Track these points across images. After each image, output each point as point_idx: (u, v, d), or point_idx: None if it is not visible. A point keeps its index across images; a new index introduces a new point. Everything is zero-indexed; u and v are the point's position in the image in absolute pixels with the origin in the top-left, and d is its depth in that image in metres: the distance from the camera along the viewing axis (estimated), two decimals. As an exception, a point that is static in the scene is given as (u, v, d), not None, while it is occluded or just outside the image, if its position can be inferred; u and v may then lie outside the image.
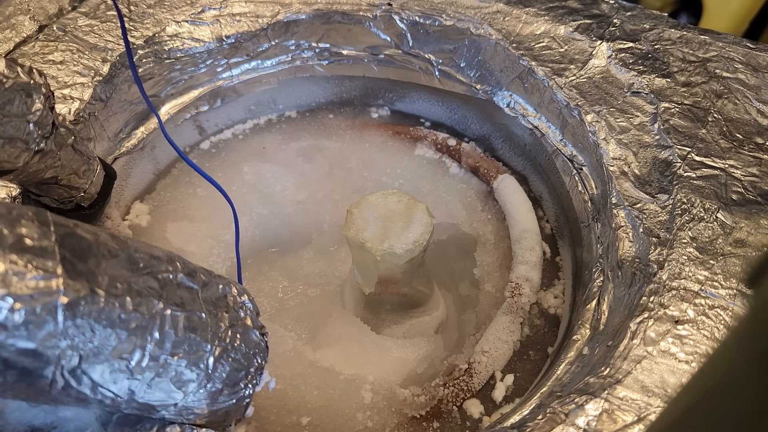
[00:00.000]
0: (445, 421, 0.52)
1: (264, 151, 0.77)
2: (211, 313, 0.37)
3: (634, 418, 0.39)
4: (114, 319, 0.31)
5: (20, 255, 0.28)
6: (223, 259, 0.65)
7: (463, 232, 0.69)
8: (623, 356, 0.43)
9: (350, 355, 0.59)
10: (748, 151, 0.55)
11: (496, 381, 0.54)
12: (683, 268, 0.47)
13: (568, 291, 0.62)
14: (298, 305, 0.65)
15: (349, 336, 0.60)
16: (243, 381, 0.40)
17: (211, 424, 0.41)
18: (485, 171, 0.72)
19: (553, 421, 0.40)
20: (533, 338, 0.58)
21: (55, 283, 0.28)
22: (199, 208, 0.69)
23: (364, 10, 0.73)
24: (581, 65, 0.64)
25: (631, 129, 0.58)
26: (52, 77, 0.61)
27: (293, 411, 0.52)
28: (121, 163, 0.68)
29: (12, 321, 0.27)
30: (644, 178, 0.54)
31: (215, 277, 0.40)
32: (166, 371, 0.34)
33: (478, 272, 0.64)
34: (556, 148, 0.64)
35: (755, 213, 0.50)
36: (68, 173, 0.51)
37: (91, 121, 0.62)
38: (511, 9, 0.70)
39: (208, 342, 0.37)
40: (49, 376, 0.30)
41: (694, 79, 0.61)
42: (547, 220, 0.69)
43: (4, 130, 0.43)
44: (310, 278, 0.68)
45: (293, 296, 0.66)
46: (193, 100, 0.73)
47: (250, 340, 0.40)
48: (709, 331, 0.43)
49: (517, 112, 0.69)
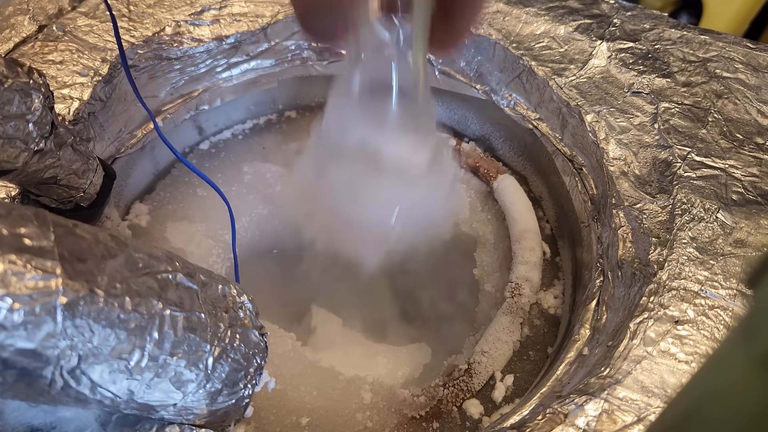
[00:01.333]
0: (444, 422, 0.52)
1: (264, 151, 0.77)
2: (211, 314, 0.37)
3: (633, 418, 0.39)
4: (113, 319, 0.31)
5: (19, 255, 0.28)
6: (222, 259, 0.65)
7: (463, 233, 0.69)
8: (623, 356, 0.42)
9: (350, 356, 0.59)
10: (748, 151, 0.55)
11: (496, 381, 0.54)
12: (683, 269, 0.47)
13: (568, 291, 0.62)
14: (298, 305, 0.65)
15: (348, 336, 0.60)
16: (242, 381, 0.40)
17: (210, 425, 0.41)
18: (485, 171, 0.72)
19: (552, 421, 0.40)
20: (533, 338, 0.58)
21: (54, 283, 0.28)
22: (198, 209, 0.69)
23: (364, 10, 0.73)
24: (581, 65, 0.64)
25: (631, 129, 0.58)
26: (52, 77, 0.61)
27: (293, 411, 0.52)
28: (120, 163, 0.67)
29: (11, 321, 0.27)
30: (644, 178, 0.54)
31: (215, 278, 0.40)
32: (166, 371, 0.34)
33: (477, 272, 0.64)
34: (556, 148, 0.64)
35: (755, 213, 0.50)
36: (67, 173, 0.51)
37: (91, 121, 0.61)
38: (510, 9, 0.70)
39: (208, 342, 0.37)
40: (49, 376, 0.29)
41: (695, 79, 0.61)
42: (547, 220, 0.69)
43: (3, 130, 0.43)
44: (311, 278, 0.68)
45: (293, 296, 0.66)
46: (192, 100, 0.73)
47: (250, 340, 0.40)
48: (709, 332, 0.43)
49: (517, 112, 0.69)
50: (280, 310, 0.64)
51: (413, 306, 0.70)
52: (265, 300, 0.64)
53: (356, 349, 0.60)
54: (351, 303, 0.70)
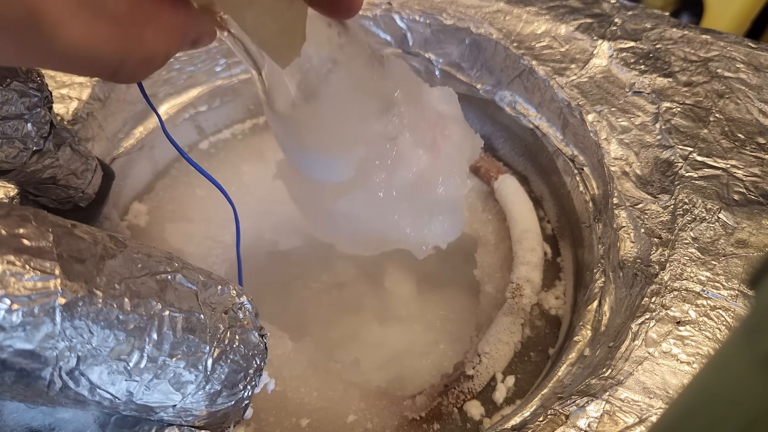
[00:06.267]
0: (445, 423, 0.52)
1: (263, 151, 0.77)
2: (210, 315, 0.37)
3: (635, 419, 0.39)
4: (112, 320, 0.31)
5: (18, 255, 0.28)
6: (222, 260, 0.65)
7: (464, 233, 0.68)
8: (624, 357, 0.42)
9: (350, 356, 0.59)
10: (750, 151, 0.55)
11: (497, 382, 0.54)
12: (685, 269, 0.47)
13: (569, 292, 0.61)
14: (298, 306, 0.65)
15: (348, 337, 0.60)
16: (242, 382, 0.40)
17: (209, 426, 0.41)
18: (486, 171, 0.72)
19: (554, 422, 0.40)
20: (534, 339, 0.58)
21: (52, 284, 0.28)
22: (198, 209, 0.69)
23: (364, 9, 0.72)
24: (582, 65, 0.64)
25: (633, 129, 0.58)
26: (50, 77, 0.60)
27: (293, 413, 0.52)
28: (119, 163, 0.67)
29: (9, 322, 0.27)
30: (646, 178, 0.54)
31: (214, 278, 0.40)
32: (165, 372, 0.34)
33: (478, 273, 0.64)
34: (557, 148, 0.64)
35: (757, 213, 0.50)
36: (66, 173, 0.51)
37: (90, 121, 0.61)
38: (511, 8, 0.70)
39: (207, 343, 0.36)
40: (47, 377, 0.29)
41: (696, 78, 0.61)
42: (548, 220, 0.69)
43: (2, 130, 0.43)
44: (310, 279, 0.68)
45: (293, 297, 0.66)
46: (191, 100, 0.73)
47: (249, 341, 0.40)
48: (710, 332, 0.43)
49: (518, 112, 0.69)
50: (280, 311, 0.64)
51: (413, 307, 0.70)
52: (265, 301, 0.64)
53: (356, 349, 0.60)
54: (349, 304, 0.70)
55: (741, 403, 0.19)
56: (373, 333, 0.64)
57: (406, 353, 0.63)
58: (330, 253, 0.70)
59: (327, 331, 0.64)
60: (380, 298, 0.70)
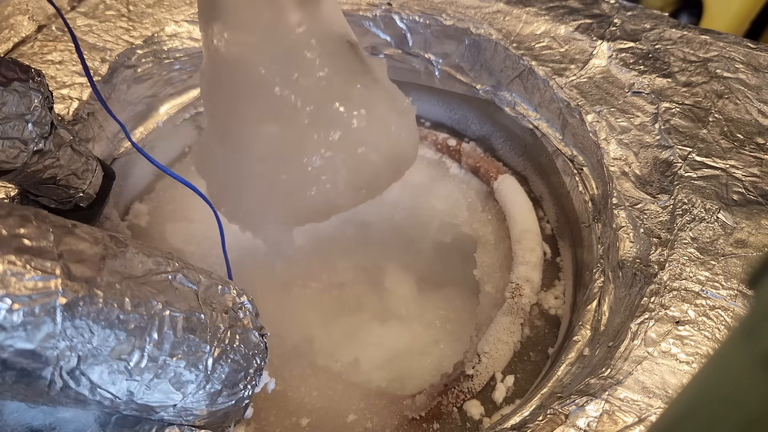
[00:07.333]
0: (445, 423, 0.52)
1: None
2: (210, 314, 0.37)
3: (634, 419, 0.39)
4: (113, 319, 0.31)
5: (19, 255, 0.28)
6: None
7: (464, 233, 0.68)
8: (624, 357, 0.42)
9: (350, 356, 0.59)
10: (748, 152, 0.55)
11: (497, 382, 0.54)
12: (684, 269, 0.47)
13: (568, 292, 0.62)
14: (298, 306, 0.65)
15: (348, 336, 0.60)
16: (242, 382, 0.40)
17: (210, 426, 0.41)
18: (485, 171, 0.72)
19: (553, 422, 0.40)
20: (534, 339, 0.58)
21: (53, 284, 0.28)
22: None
23: (364, 9, 0.73)
24: (582, 65, 0.64)
25: (632, 129, 0.58)
26: (51, 77, 0.61)
27: (293, 412, 0.52)
28: (120, 163, 0.67)
29: (10, 322, 0.27)
30: (645, 178, 0.54)
31: (214, 278, 0.40)
32: (165, 372, 0.34)
33: (478, 273, 0.64)
34: (557, 148, 0.64)
35: (756, 213, 0.50)
36: (67, 173, 0.51)
37: (90, 122, 0.61)
38: (511, 9, 0.70)
39: (207, 343, 0.36)
40: (48, 377, 0.29)
41: (695, 79, 0.61)
42: (547, 220, 0.69)
43: (3, 131, 0.43)
44: (310, 279, 0.68)
45: (293, 297, 0.66)
46: (192, 100, 0.73)
47: (250, 341, 0.40)
48: (710, 332, 0.43)
49: (518, 112, 0.69)
50: (281, 311, 0.64)
51: (413, 306, 0.70)
52: (265, 301, 0.64)
53: (356, 349, 0.60)
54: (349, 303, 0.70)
55: (740, 403, 0.19)
56: (373, 333, 0.64)
57: (405, 353, 0.63)
58: (330, 253, 0.70)
59: (327, 331, 0.64)
60: (380, 297, 0.70)
